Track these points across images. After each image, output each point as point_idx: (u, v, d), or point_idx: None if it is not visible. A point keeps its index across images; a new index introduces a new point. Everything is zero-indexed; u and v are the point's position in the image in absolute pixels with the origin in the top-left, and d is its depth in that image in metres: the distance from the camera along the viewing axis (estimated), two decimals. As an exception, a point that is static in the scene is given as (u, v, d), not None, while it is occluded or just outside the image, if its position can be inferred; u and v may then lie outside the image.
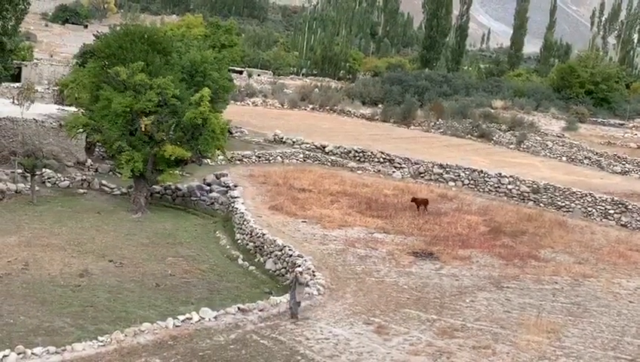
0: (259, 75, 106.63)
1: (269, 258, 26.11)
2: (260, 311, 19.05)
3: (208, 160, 38.64)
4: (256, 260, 26.75)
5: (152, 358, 15.84)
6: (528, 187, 40.39)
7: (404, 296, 21.62)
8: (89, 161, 38.36)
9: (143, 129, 31.05)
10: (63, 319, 19.09)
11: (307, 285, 21.03)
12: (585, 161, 56.57)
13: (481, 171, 42.63)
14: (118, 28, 36.19)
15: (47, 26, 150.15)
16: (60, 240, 26.27)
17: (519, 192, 40.41)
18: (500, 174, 41.90)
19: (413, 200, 34.30)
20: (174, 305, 20.98)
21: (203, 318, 18.23)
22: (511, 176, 41.60)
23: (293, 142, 48.76)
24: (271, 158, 44.21)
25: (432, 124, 68.74)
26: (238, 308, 19.10)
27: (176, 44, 37.30)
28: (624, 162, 56.08)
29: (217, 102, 38.19)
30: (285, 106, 73.94)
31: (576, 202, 38.30)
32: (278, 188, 35.66)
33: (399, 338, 18.26)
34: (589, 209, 37.70)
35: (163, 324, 17.54)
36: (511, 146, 61.24)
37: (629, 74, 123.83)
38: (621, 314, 21.80)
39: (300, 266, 23.23)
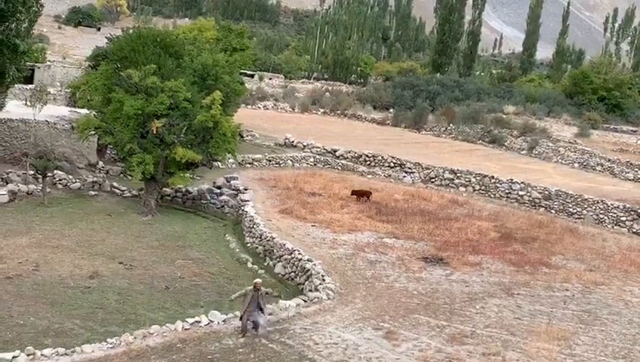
0: (270, 79, 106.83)
1: (278, 262, 26.08)
2: (269, 314, 19.01)
3: (219, 163, 38.68)
4: (265, 264, 26.73)
5: (161, 361, 15.86)
6: (540, 193, 40.17)
7: (413, 302, 21.54)
8: (100, 163, 38.50)
9: (155, 132, 31.15)
10: (73, 320, 19.13)
11: (263, 307, 18.28)
12: (597, 168, 56.26)
13: (492, 177, 42.45)
14: (130, 31, 36.25)
15: (60, 28, 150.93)
16: (70, 242, 26.36)
17: (530, 198, 40.21)
18: (512, 180, 41.71)
19: (354, 192, 35.38)
20: (183, 307, 21.00)
21: (212, 321, 18.23)
22: (522, 183, 41.39)
23: (304, 146, 48.77)
24: (281, 162, 44.22)
25: (444, 129, 68.69)
26: (247, 312, 19.06)
27: (188, 48, 37.37)
28: (637, 169, 55.70)
29: (228, 106, 38.20)
30: (296, 110, 74.10)
31: (588, 209, 38.06)
32: (288, 191, 35.66)
33: (408, 344, 18.17)
34: (601, 216, 37.46)
35: (172, 327, 17.56)
36: (522, 152, 61.04)
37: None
38: (632, 322, 21.62)
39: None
